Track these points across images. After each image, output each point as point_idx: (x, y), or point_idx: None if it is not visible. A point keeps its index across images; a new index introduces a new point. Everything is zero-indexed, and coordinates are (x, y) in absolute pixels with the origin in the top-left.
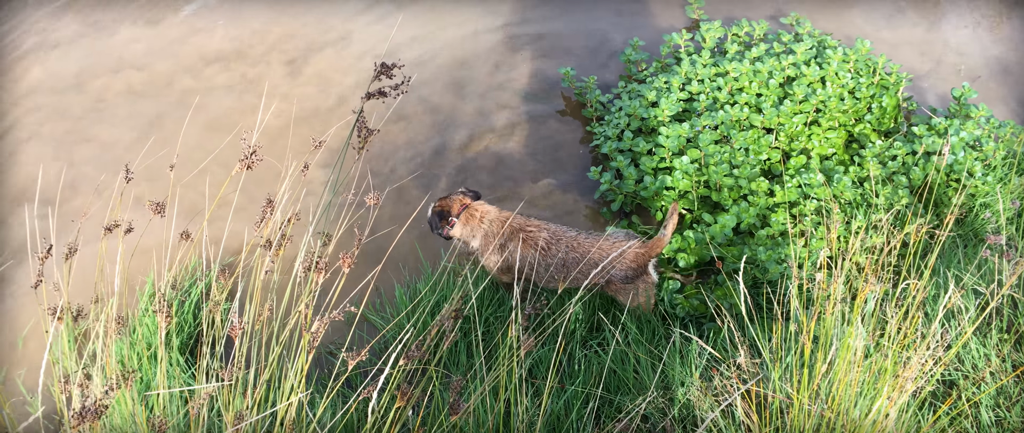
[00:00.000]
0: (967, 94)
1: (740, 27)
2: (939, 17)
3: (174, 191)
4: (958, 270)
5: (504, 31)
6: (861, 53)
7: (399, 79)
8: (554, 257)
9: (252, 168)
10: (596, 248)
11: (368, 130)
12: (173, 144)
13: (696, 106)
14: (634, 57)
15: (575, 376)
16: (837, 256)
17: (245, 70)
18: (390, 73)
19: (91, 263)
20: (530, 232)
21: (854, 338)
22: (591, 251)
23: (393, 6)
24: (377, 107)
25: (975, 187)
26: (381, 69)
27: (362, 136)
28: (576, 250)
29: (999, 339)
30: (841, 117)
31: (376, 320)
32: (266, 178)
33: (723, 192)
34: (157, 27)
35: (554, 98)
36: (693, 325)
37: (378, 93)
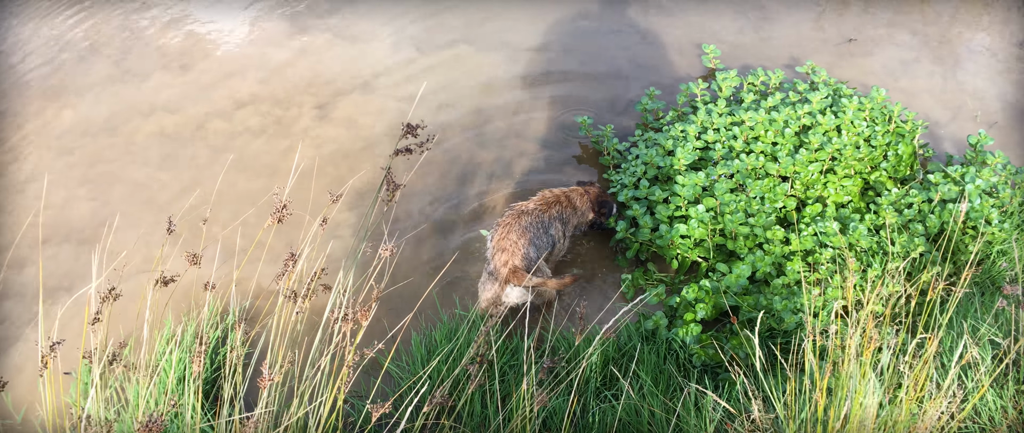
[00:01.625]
0: (983, 141)
1: (756, 76)
2: (956, 64)
3: (206, 235)
4: (975, 320)
5: (523, 79)
6: (876, 101)
7: (423, 137)
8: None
9: (283, 221)
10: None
11: (395, 184)
12: (204, 185)
13: (712, 155)
14: (650, 106)
15: (589, 428)
16: (853, 306)
17: (276, 113)
18: (415, 132)
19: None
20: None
21: (868, 392)
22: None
23: (416, 52)
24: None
25: (992, 235)
26: (407, 129)
27: (390, 189)
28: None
29: (1016, 391)
30: (857, 165)
31: (392, 369)
32: (293, 221)
33: (739, 241)
34: (189, 73)
35: (571, 146)
36: (709, 375)
37: (405, 150)
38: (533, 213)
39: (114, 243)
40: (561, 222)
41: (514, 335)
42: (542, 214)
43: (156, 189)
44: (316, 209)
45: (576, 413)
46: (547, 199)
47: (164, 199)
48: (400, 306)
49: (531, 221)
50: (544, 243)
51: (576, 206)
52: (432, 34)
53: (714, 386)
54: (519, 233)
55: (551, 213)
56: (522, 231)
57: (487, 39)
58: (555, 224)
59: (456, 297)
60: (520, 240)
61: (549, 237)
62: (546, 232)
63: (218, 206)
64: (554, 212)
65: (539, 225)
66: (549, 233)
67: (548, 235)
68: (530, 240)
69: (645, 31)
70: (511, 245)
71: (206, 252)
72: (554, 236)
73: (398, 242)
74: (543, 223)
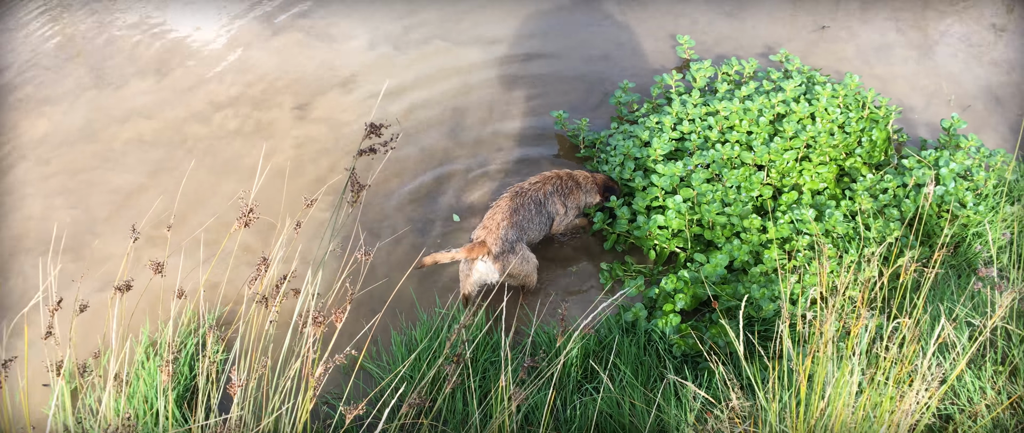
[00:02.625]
0: (957, 124)
1: (730, 66)
2: (929, 49)
3: (191, 239)
4: (951, 302)
5: (499, 75)
6: (850, 88)
7: (388, 136)
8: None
9: (250, 225)
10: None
11: (360, 185)
12: (185, 189)
13: (688, 145)
14: (625, 99)
15: (571, 422)
16: (830, 292)
17: (255, 115)
18: (379, 132)
19: (92, 314)
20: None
21: (848, 375)
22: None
23: (393, 50)
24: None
25: (967, 217)
26: (371, 129)
27: (355, 190)
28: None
29: (994, 371)
30: (831, 152)
31: (373, 369)
32: (270, 224)
33: (716, 230)
34: (165, 78)
35: (548, 140)
36: (689, 365)
37: (369, 150)
38: (527, 193)
39: (99, 250)
40: (561, 196)
41: (495, 331)
42: (537, 192)
43: (137, 195)
44: (297, 209)
45: (558, 408)
46: (546, 176)
47: (146, 205)
48: (379, 306)
49: (523, 201)
50: (538, 222)
51: (579, 182)
52: (408, 32)
53: (694, 376)
54: (505, 215)
55: (546, 189)
56: (509, 212)
57: (463, 35)
58: (552, 199)
59: (436, 295)
60: (503, 221)
61: (546, 213)
62: (541, 209)
63: (200, 209)
64: (550, 187)
65: (532, 204)
66: (546, 209)
67: (545, 212)
68: (516, 223)
69: (620, 24)
70: (493, 225)
71: (189, 256)
72: (552, 212)
73: (375, 242)
74: (537, 200)
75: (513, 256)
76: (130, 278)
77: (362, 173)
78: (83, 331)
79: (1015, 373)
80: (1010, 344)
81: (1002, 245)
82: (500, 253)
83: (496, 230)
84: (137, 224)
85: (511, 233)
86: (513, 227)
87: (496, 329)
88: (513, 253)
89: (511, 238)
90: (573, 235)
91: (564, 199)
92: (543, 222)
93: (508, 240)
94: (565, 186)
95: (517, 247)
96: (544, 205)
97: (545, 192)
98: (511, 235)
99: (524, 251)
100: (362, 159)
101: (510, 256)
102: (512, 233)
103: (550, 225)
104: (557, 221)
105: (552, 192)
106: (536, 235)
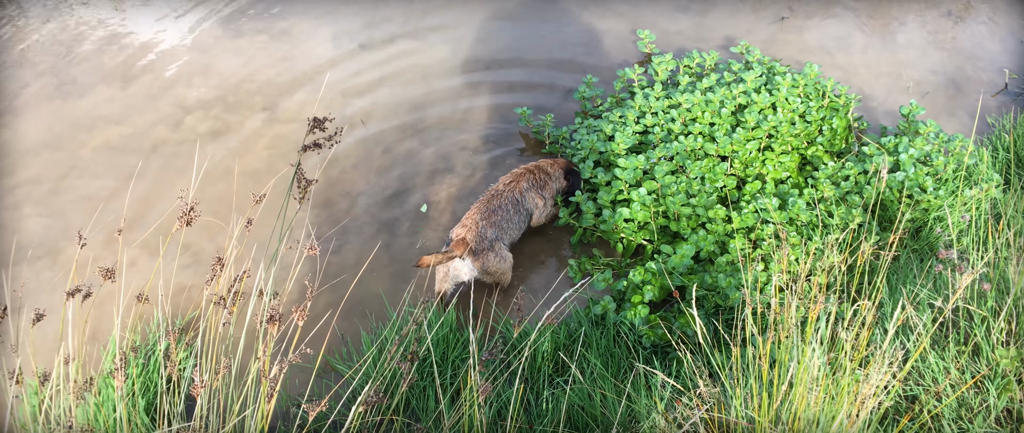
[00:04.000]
0: (915, 111)
1: (691, 58)
2: (889, 38)
3: (170, 242)
4: (913, 285)
5: (462, 72)
6: (810, 77)
7: (332, 131)
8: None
9: (192, 224)
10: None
11: (307, 181)
12: (158, 193)
13: (651, 138)
14: (588, 93)
15: (544, 416)
16: (797, 277)
17: (224, 117)
18: (323, 126)
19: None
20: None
21: (810, 359)
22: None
23: (358, 48)
24: (347, 148)
25: (927, 202)
26: (314, 123)
27: (302, 187)
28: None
29: (957, 351)
30: (793, 141)
31: (343, 369)
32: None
33: (681, 222)
34: (131, 85)
35: (513, 137)
36: (659, 355)
37: (313, 145)
38: (503, 194)
39: (73, 256)
40: (536, 189)
41: (465, 327)
42: (512, 191)
43: (109, 201)
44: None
45: (530, 401)
46: (517, 174)
47: (119, 211)
48: (348, 306)
49: (500, 203)
50: (517, 221)
51: (548, 172)
52: (372, 30)
53: (664, 365)
54: (483, 214)
55: (521, 186)
56: (487, 213)
57: (427, 33)
58: (529, 194)
59: (406, 294)
60: (482, 221)
61: (525, 210)
62: (519, 207)
63: (175, 212)
64: (525, 183)
65: (510, 204)
66: (524, 207)
67: (523, 209)
68: (494, 222)
69: (582, 19)
70: (471, 223)
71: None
72: (530, 207)
73: (345, 241)
74: (514, 199)
75: (492, 253)
76: (89, 285)
77: (347, 170)
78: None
79: (977, 352)
80: (972, 324)
81: (962, 228)
82: (479, 250)
83: (475, 228)
84: (111, 229)
85: (490, 231)
86: (492, 226)
87: (466, 326)
88: (492, 250)
89: (490, 236)
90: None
91: (541, 191)
92: (522, 220)
93: (487, 238)
94: (539, 180)
95: (496, 245)
96: (521, 203)
97: (520, 190)
98: (490, 233)
99: (502, 249)
100: (349, 157)
101: (489, 254)
102: (491, 232)
103: (528, 221)
104: (537, 215)
105: (528, 188)
106: (516, 234)
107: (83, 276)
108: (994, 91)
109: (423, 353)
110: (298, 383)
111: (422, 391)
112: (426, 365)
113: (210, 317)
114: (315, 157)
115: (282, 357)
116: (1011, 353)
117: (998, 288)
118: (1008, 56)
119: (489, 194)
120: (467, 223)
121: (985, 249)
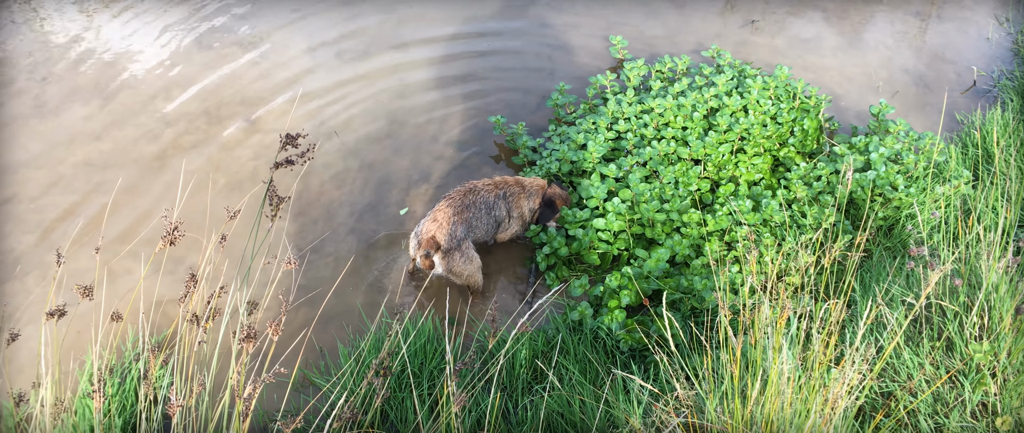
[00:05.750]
0: (885, 110)
1: (663, 63)
2: (857, 38)
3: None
4: (889, 284)
5: (437, 81)
6: (780, 79)
7: (305, 147)
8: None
9: (176, 244)
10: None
11: (280, 198)
12: (143, 207)
13: (624, 144)
14: (561, 100)
15: (523, 424)
16: (771, 279)
17: (205, 129)
18: (295, 142)
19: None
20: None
21: (780, 361)
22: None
23: (334, 58)
24: (326, 159)
25: (899, 200)
26: (286, 139)
27: (273, 204)
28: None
29: (931, 347)
30: (765, 143)
31: (321, 382)
32: (234, 234)
33: (656, 228)
34: (111, 101)
35: (488, 146)
36: (636, 359)
37: (286, 162)
38: (479, 192)
39: (65, 272)
40: (505, 201)
41: (442, 338)
42: (488, 194)
43: (94, 215)
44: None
45: (509, 410)
46: (496, 182)
47: (105, 225)
48: (325, 318)
49: (474, 200)
50: (485, 223)
51: (525, 186)
52: (346, 41)
53: (642, 369)
54: (455, 210)
55: (497, 193)
56: (460, 209)
57: (403, 41)
58: (499, 204)
59: (383, 306)
60: (454, 217)
61: (493, 217)
62: (490, 212)
63: (159, 226)
64: (500, 192)
65: (483, 205)
66: (493, 213)
67: (491, 215)
68: (466, 220)
69: (554, 26)
70: (443, 218)
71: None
72: (498, 216)
73: (321, 253)
74: (487, 203)
75: (458, 253)
76: (64, 304)
77: (326, 181)
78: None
79: (951, 347)
80: (945, 320)
81: (933, 224)
82: (447, 250)
83: (446, 224)
84: (96, 243)
85: (460, 229)
86: (463, 223)
87: (443, 337)
88: (459, 250)
89: (459, 234)
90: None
91: (509, 204)
92: (490, 226)
93: (456, 236)
94: (511, 191)
95: (463, 245)
96: (492, 209)
97: (496, 196)
98: (459, 231)
99: (469, 249)
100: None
101: (456, 253)
102: (461, 229)
103: (496, 230)
104: (503, 227)
105: (501, 197)
106: (483, 235)
107: (65, 294)
108: (963, 89)
109: (400, 365)
110: (276, 398)
111: (401, 402)
112: (404, 376)
113: (184, 335)
114: (291, 172)
115: (256, 376)
116: (985, 347)
117: (969, 283)
118: (976, 54)
119: (465, 189)
120: (439, 218)
121: (956, 245)
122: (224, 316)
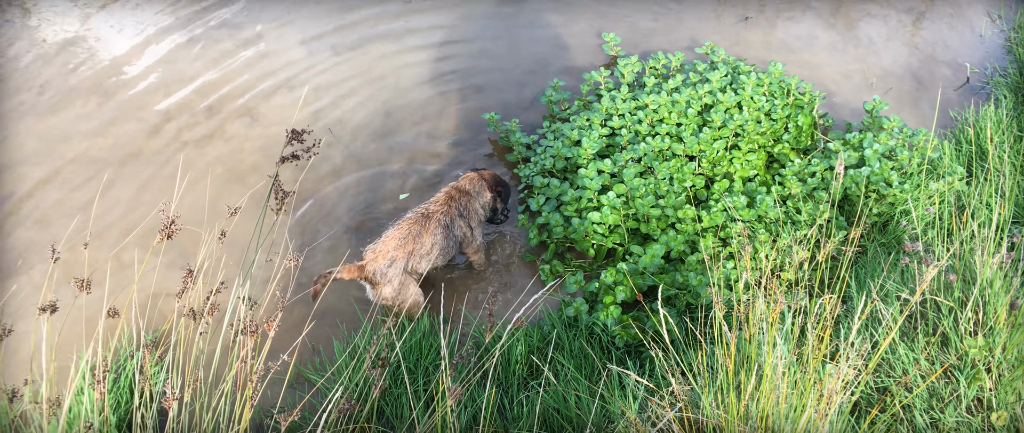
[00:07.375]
0: (879, 106)
1: (657, 60)
2: (851, 35)
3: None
4: (884, 280)
5: (432, 77)
6: (774, 76)
7: (310, 142)
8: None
9: (172, 238)
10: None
11: (284, 192)
12: (147, 202)
13: (619, 140)
14: (555, 97)
15: (519, 420)
16: (764, 274)
17: (206, 123)
18: (301, 138)
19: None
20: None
21: (775, 356)
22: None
23: (330, 52)
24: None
25: (893, 196)
26: (292, 135)
27: (279, 199)
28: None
29: (926, 342)
30: (759, 139)
31: (315, 378)
32: (236, 229)
33: (651, 223)
34: (109, 100)
35: (482, 143)
36: (632, 355)
37: (291, 157)
38: (432, 217)
39: (67, 265)
40: (461, 216)
41: (439, 334)
42: (445, 216)
43: (98, 212)
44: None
45: (504, 405)
46: (446, 198)
47: (109, 220)
48: (321, 317)
49: (425, 227)
50: (443, 246)
51: (467, 191)
52: (344, 35)
53: (638, 365)
54: (400, 241)
55: (452, 213)
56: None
57: (399, 36)
58: (457, 221)
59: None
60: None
61: (454, 237)
62: (450, 232)
63: (160, 221)
64: (456, 209)
65: (440, 229)
66: (453, 233)
67: (452, 235)
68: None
69: (549, 23)
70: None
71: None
72: (458, 235)
73: (316, 251)
74: (445, 224)
75: (388, 287)
76: (56, 299)
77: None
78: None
79: (946, 342)
80: (939, 315)
81: (927, 220)
82: (376, 282)
83: (383, 256)
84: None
85: (400, 262)
86: (405, 255)
87: (438, 332)
88: (390, 284)
89: (397, 268)
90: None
91: (465, 218)
92: (451, 245)
93: (392, 270)
94: (461, 203)
95: (397, 279)
96: (452, 228)
97: (451, 216)
98: (399, 264)
99: (407, 282)
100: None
101: (385, 287)
102: (401, 262)
103: (459, 245)
104: (466, 243)
105: (456, 215)
106: (445, 259)
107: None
108: (956, 86)
109: (395, 360)
110: (271, 394)
111: (396, 399)
112: (399, 372)
113: (181, 331)
114: (292, 167)
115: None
116: (979, 342)
117: (964, 279)
118: (969, 51)
119: (417, 214)
120: (380, 249)
121: (950, 241)
122: (227, 311)
